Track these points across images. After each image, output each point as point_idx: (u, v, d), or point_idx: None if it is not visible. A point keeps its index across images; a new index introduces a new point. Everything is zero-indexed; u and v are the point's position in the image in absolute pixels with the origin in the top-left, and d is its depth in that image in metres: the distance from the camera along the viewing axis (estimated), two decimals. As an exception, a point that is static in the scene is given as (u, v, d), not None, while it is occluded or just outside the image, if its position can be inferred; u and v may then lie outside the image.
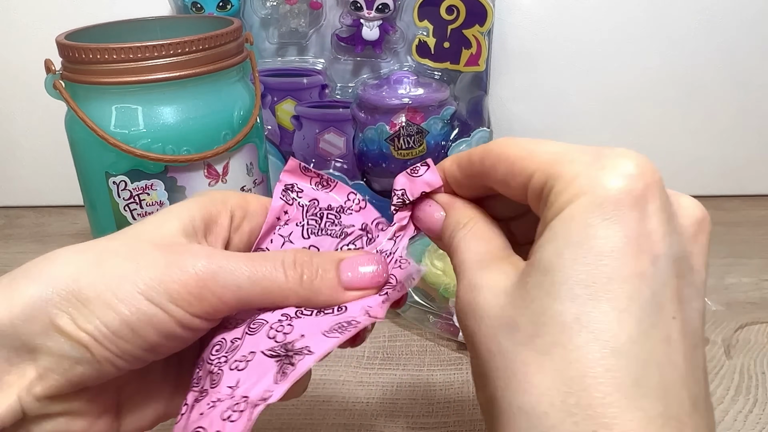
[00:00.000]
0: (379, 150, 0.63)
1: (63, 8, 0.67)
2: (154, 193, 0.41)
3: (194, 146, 0.40)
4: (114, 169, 0.40)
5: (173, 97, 0.39)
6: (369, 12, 0.61)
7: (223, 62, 0.41)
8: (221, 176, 0.42)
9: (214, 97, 0.41)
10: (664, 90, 0.72)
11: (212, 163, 0.41)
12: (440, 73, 0.64)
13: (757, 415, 0.43)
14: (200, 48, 0.39)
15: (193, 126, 0.40)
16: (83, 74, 0.39)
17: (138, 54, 0.38)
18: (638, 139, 0.74)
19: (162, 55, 0.38)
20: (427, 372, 0.47)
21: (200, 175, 0.41)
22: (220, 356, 0.23)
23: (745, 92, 0.71)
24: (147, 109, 0.39)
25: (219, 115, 0.41)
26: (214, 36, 0.40)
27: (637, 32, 0.69)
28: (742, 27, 0.68)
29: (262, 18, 0.63)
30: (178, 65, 0.38)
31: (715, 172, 0.76)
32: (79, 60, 0.39)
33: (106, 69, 0.38)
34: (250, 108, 0.43)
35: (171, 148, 0.40)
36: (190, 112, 0.40)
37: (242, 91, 0.43)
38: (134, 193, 0.41)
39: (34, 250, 0.69)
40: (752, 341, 0.50)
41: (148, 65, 0.38)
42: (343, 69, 0.65)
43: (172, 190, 0.41)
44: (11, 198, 0.79)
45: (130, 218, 0.41)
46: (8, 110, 0.74)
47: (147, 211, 0.41)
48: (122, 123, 0.39)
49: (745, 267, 0.61)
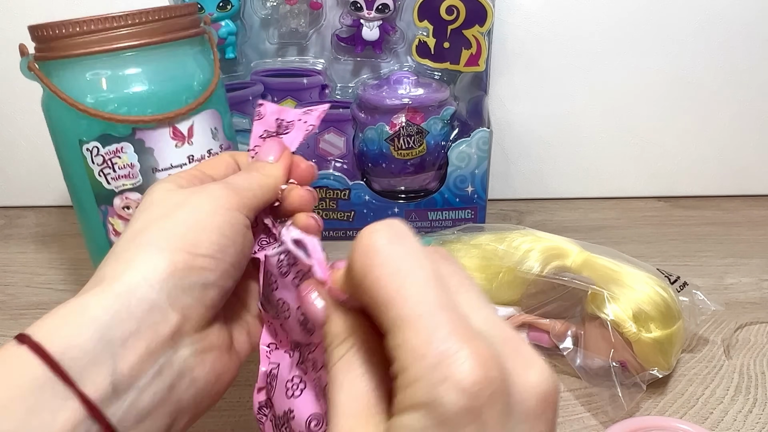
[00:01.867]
0: (379, 150, 0.63)
1: (65, 8, 0.67)
2: (124, 156, 0.44)
3: (158, 109, 0.44)
4: (86, 135, 0.44)
5: (136, 65, 0.43)
6: (369, 12, 0.61)
7: (178, 33, 0.45)
8: (186, 138, 0.46)
9: (174, 66, 0.45)
10: (664, 90, 0.72)
11: (176, 124, 0.45)
12: (440, 73, 0.64)
13: (757, 415, 0.43)
14: (155, 18, 0.43)
15: (155, 91, 0.44)
16: (53, 51, 0.43)
17: (100, 25, 0.42)
18: (638, 139, 0.74)
19: (122, 25, 0.42)
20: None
21: (166, 136, 0.45)
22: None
23: (745, 92, 0.72)
24: (113, 77, 0.43)
25: (179, 81, 0.45)
26: (168, 8, 0.44)
27: (637, 32, 0.69)
28: (742, 27, 0.68)
29: (262, 18, 0.63)
30: (137, 34, 0.43)
31: (715, 172, 0.76)
32: (48, 37, 0.42)
33: (73, 43, 0.42)
34: (209, 77, 0.47)
35: (136, 111, 0.43)
36: (152, 78, 0.44)
37: (202, 62, 0.48)
38: (106, 158, 0.44)
39: (34, 250, 0.69)
40: (752, 341, 0.50)
41: (110, 35, 0.42)
42: (343, 69, 0.65)
43: (141, 152, 0.44)
44: (11, 198, 0.79)
45: (105, 183, 0.45)
46: (8, 110, 0.74)
47: (120, 174, 0.45)
48: (91, 91, 0.43)
49: (745, 267, 0.61)
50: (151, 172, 0.45)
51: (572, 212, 0.75)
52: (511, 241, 0.49)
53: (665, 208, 0.74)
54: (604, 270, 0.45)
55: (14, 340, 0.24)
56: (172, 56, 0.45)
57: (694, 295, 0.47)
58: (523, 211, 0.75)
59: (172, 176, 0.32)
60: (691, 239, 0.67)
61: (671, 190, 0.76)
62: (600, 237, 0.68)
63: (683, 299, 0.47)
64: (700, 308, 0.47)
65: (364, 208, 0.66)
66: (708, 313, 0.47)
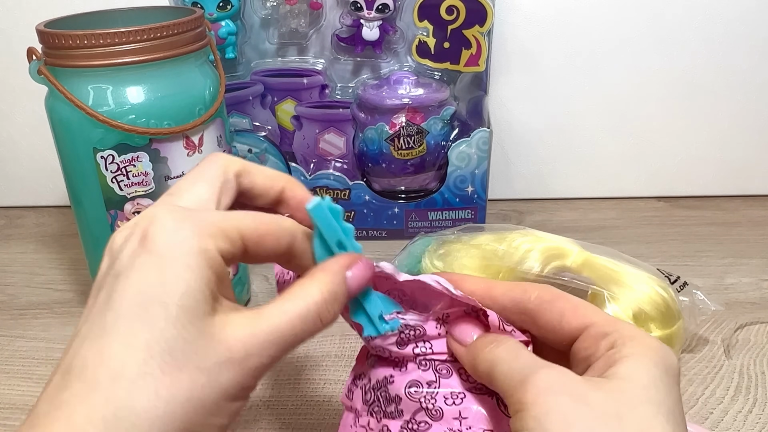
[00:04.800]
0: (379, 150, 0.63)
1: (66, 7, 0.67)
2: (140, 164, 0.45)
3: (174, 120, 0.45)
4: (101, 144, 0.44)
5: (154, 77, 0.45)
6: (369, 12, 0.61)
7: (192, 46, 0.46)
8: (197, 147, 0.47)
9: (188, 77, 0.47)
10: (664, 90, 0.72)
11: (189, 135, 0.47)
12: (440, 73, 0.64)
13: (757, 415, 0.43)
14: (173, 33, 0.44)
15: (172, 102, 0.45)
16: (68, 59, 0.43)
17: (117, 39, 0.43)
18: (638, 139, 0.74)
19: (142, 39, 0.43)
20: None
21: (180, 146, 0.46)
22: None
23: (745, 92, 0.71)
24: (132, 89, 0.44)
25: (193, 92, 0.47)
26: (183, 23, 0.45)
27: (637, 32, 0.69)
28: (741, 27, 0.68)
29: (262, 18, 0.63)
30: (155, 48, 0.44)
31: (715, 172, 0.76)
32: (63, 46, 0.43)
33: (92, 53, 0.43)
34: (217, 86, 0.49)
35: (154, 123, 0.44)
36: (169, 90, 0.45)
37: (208, 72, 0.49)
38: (121, 166, 0.45)
39: (34, 250, 0.69)
40: (752, 341, 0.50)
41: (129, 49, 0.43)
42: (343, 69, 0.65)
43: (156, 160, 0.46)
44: (11, 198, 0.79)
45: (117, 189, 0.46)
46: (8, 110, 0.74)
47: (133, 181, 0.46)
48: (109, 102, 0.44)
49: (745, 267, 0.61)
50: (163, 180, 0.46)
51: (572, 212, 0.75)
52: (511, 241, 0.49)
53: (665, 208, 0.74)
54: (604, 270, 0.45)
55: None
56: (185, 68, 0.46)
57: (694, 295, 0.47)
58: (523, 211, 0.75)
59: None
60: (691, 239, 0.67)
61: (671, 190, 0.76)
62: (600, 237, 0.68)
63: (683, 299, 0.47)
64: (700, 308, 0.47)
65: (364, 208, 0.66)
66: (708, 313, 0.47)
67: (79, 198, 0.48)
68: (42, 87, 0.45)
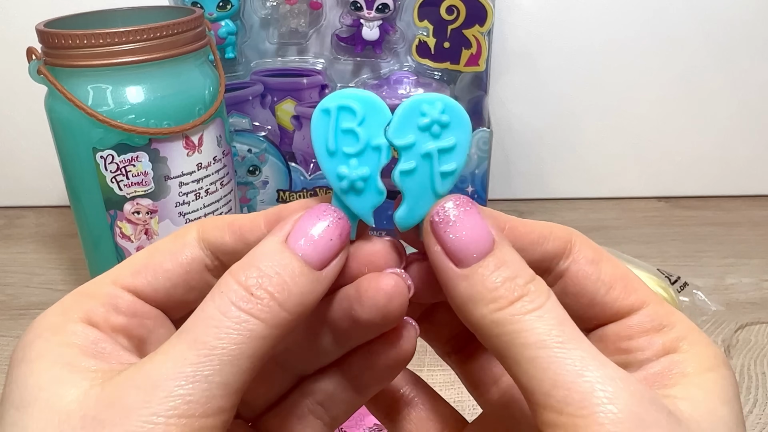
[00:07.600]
0: (379, 150, 0.63)
1: (66, 7, 0.67)
2: (139, 164, 0.45)
3: (174, 120, 0.45)
4: (101, 144, 0.44)
5: (154, 77, 0.44)
6: (369, 12, 0.61)
7: (192, 45, 0.46)
8: (197, 147, 0.47)
9: (188, 77, 0.47)
10: (664, 90, 0.72)
11: (189, 135, 0.46)
12: (440, 73, 0.64)
13: (757, 415, 0.43)
14: (173, 32, 0.44)
15: (172, 102, 0.45)
16: (67, 59, 0.43)
17: (117, 38, 0.43)
18: (638, 138, 0.74)
19: (141, 39, 0.43)
20: (427, 372, 0.47)
21: (179, 146, 0.46)
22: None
23: (745, 92, 0.71)
24: (131, 89, 0.44)
25: (193, 92, 0.47)
26: (184, 22, 0.45)
27: (637, 32, 0.69)
28: (741, 27, 0.68)
29: (262, 18, 0.63)
30: (155, 48, 0.44)
31: (715, 172, 0.76)
32: (62, 46, 0.43)
33: (91, 53, 0.43)
34: (217, 86, 0.49)
35: (153, 122, 0.44)
36: (168, 90, 0.45)
37: (208, 71, 0.49)
38: (121, 166, 0.45)
39: (34, 250, 0.69)
40: (752, 341, 0.50)
41: (128, 49, 0.43)
42: (343, 69, 0.65)
43: (156, 161, 0.46)
44: (11, 198, 0.79)
45: (117, 189, 0.46)
46: (8, 110, 0.74)
47: (133, 181, 0.46)
48: (108, 102, 0.44)
49: (745, 267, 0.61)
50: (163, 180, 0.46)
51: (572, 212, 0.74)
52: (511, 241, 0.49)
53: (665, 208, 0.74)
54: (604, 270, 0.45)
55: None
56: (185, 68, 0.47)
57: (695, 295, 0.47)
58: (523, 211, 0.75)
59: (68, 309, 0.20)
60: (692, 239, 0.67)
61: (671, 190, 0.76)
62: (600, 237, 0.68)
63: (683, 299, 0.47)
64: (700, 308, 0.47)
65: (364, 208, 0.66)
66: (708, 313, 0.47)
67: (78, 198, 0.48)
68: (42, 87, 0.45)
